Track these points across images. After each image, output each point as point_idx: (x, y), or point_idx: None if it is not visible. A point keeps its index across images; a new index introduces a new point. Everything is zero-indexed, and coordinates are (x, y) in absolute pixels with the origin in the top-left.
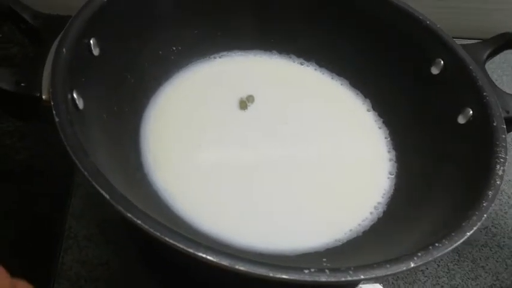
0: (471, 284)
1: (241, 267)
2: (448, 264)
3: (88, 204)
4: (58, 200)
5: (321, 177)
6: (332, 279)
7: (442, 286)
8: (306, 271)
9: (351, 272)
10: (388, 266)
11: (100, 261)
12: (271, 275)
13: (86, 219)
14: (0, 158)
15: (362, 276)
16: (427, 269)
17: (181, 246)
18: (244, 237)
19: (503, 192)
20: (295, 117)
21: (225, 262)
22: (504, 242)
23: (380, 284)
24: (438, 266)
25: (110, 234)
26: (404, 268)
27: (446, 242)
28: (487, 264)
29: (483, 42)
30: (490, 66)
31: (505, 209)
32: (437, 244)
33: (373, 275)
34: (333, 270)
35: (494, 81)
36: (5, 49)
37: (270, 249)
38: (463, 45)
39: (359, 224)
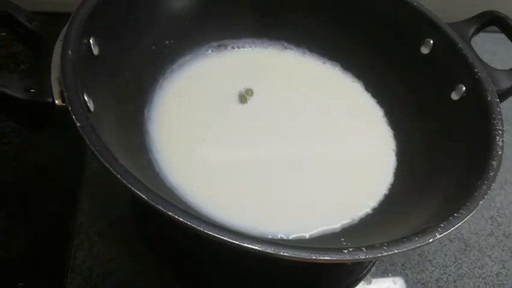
0: (477, 273)
1: (285, 253)
2: (455, 253)
3: (97, 201)
4: (68, 197)
5: (329, 160)
6: (370, 256)
7: (449, 275)
8: (346, 251)
9: (385, 248)
10: (417, 238)
11: (111, 255)
12: (313, 257)
13: (95, 215)
14: (9, 156)
15: (396, 251)
16: (435, 258)
17: (227, 239)
18: (262, 226)
19: (507, 183)
20: (295, 105)
21: (270, 250)
22: (509, 231)
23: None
24: (446, 255)
25: (120, 230)
26: (431, 240)
27: (464, 212)
28: (493, 253)
29: (468, 20)
30: None
31: (510, 199)
32: (456, 214)
33: (405, 248)
34: (369, 247)
35: None
36: (8, 47)
37: (290, 235)
38: (449, 24)
39: (370, 202)
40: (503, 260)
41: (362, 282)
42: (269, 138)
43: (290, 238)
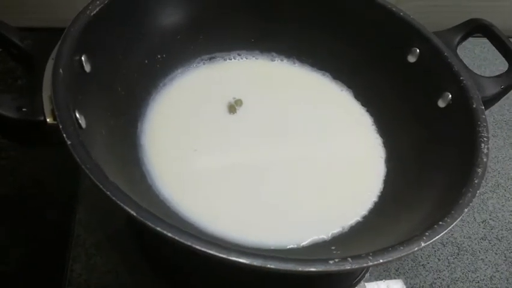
0: (471, 277)
1: (271, 265)
2: (448, 257)
3: (94, 213)
4: (65, 209)
5: (319, 169)
6: (356, 266)
7: (443, 279)
8: (331, 261)
9: (371, 257)
10: (402, 248)
11: (108, 268)
12: (299, 269)
13: (92, 227)
14: (7, 170)
15: (381, 260)
16: (428, 263)
17: (213, 252)
18: (252, 235)
19: (499, 186)
20: (285, 114)
21: (256, 263)
22: (502, 234)
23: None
24: (439, 260)
25: (117, 242)
26: (416, 248)
27: (448, 220)
28: (487, 257)
29: (453, 29)
30: None
31: (502, 202)
32: (440, 223)
33: (390, 258)
34: (355, 257)
35: None
36: (5, 62)
37: (280, 244)
38: (435, 33)
39: (360, 210)
40: (497, 263)
41: None
42: (258, 148)
43: (281, 248)
